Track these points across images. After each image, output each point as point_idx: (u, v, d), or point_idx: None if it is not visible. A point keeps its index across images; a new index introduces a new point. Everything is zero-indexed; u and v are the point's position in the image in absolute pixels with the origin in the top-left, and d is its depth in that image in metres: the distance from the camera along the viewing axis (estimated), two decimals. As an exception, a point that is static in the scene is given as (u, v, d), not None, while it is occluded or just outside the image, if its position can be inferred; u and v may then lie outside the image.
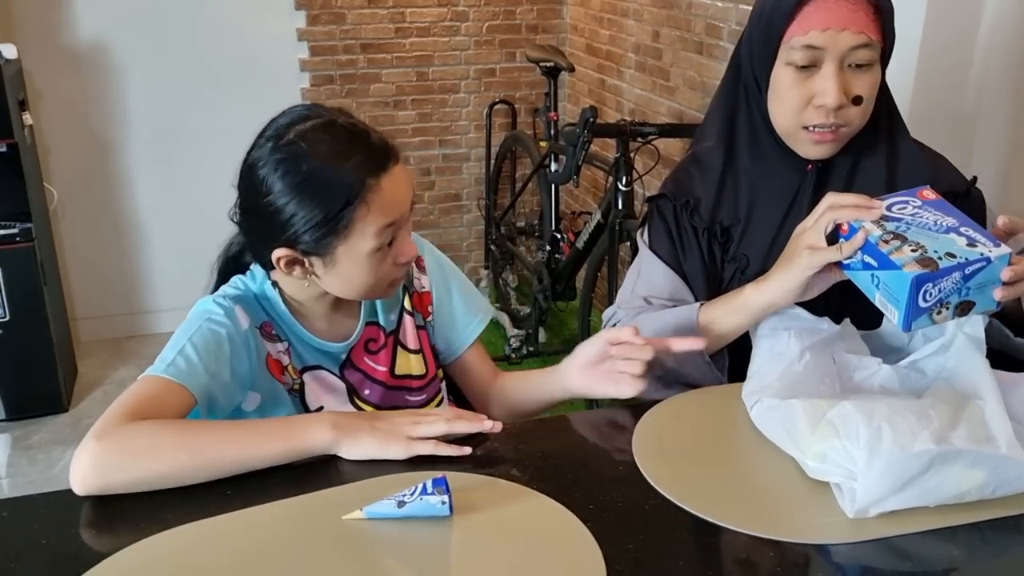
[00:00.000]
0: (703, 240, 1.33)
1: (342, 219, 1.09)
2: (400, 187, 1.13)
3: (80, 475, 0.95)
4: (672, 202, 1.35)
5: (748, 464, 1.05)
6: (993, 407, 0.98)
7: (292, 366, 1.21)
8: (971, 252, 1.01)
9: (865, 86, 1.21)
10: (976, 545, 0.91)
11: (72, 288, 3.47)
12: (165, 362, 1.08)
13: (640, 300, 1.36)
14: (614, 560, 0.87)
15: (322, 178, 1.09)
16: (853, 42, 1.18)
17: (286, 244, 1.12)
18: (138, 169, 3.44)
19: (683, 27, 2.89)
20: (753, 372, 1.13)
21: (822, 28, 1.18)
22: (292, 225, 1.10)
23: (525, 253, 3.61)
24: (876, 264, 1.05)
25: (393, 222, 1.13)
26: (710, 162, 1.34)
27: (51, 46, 3.21)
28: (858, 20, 1.18)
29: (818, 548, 0.90)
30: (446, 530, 0.91)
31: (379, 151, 1.12)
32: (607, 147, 3.13)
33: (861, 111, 1.23)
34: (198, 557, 0.87)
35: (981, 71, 1.94)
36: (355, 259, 1.13)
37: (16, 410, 2.98)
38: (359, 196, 1.09)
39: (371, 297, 1.24)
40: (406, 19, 3.62)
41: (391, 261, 1.16)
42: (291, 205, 1.09)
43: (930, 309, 1.02)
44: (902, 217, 1.08)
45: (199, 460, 0.97)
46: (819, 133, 1.23)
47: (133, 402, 1.02)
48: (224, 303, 1.16)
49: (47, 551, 0.89)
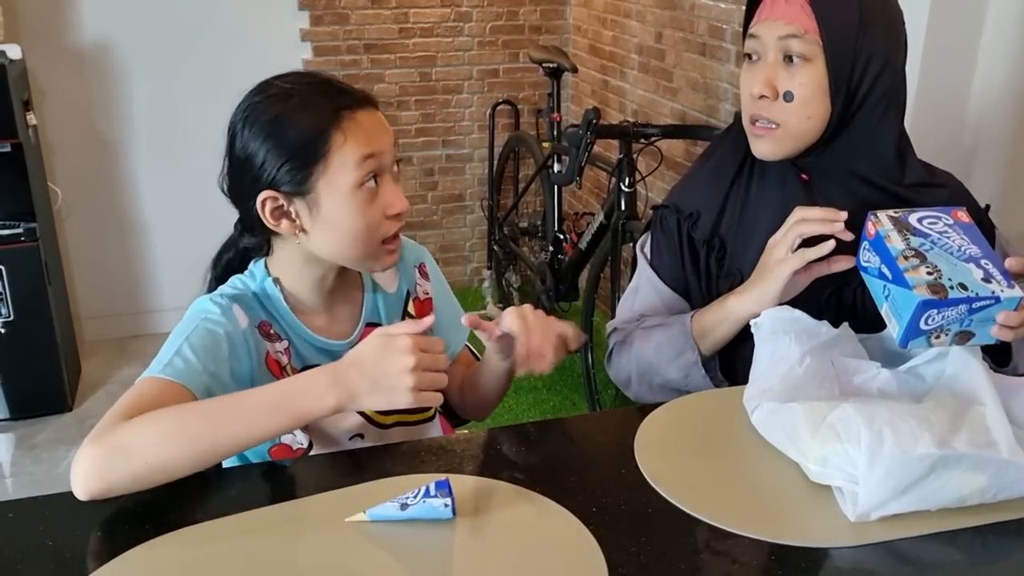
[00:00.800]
0: (701, 253, 1.35)
1: (318, 147, 1.08)
2: (380, 126, 1.13)
3: (81, 481, 0.93)
4: (676, 215, 1.36)
5: (750, 467, 1.05)
6: (994, 412, 0.99)
7: (291, 366, 1.19)
8: (983, 287, 1.02)
9: (796, 83, 1.20)
10: (977, 549, 0.92)
11: (76, 287, 3.48)
12: (162, 363, 1.06)
13: (638, 318, 1.39)
14: (616, 563, 0.87)
15: (295, 112, 1.09)
16: (782, 31, 1.19)
17: (267, 187, 1.11)
18: (142, 169, 3.45)
19: (686, 28, 2.89)
20: (754, 376, 1.13)
21: (762, 19, 1.22)
22: (268, 165, 1.10)
23: (528, 254, 3.61)
24: (890, 276, 1.06)
25: (373, 154, 1.11)
26: (718, 174, 1.35)
27: (55, 46, 3.22)
28: (790, 11, 1.19)
29: (819, 552, 0.90)
30: (449, 533, 0.92)
31: (354, 92, 1.13)
32: (610, 148, 3.14)
33: (795, 111, 1.21)
34: (203, 559, 0.88)
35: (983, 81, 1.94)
36: (338, 197, 1.10)
37: (20, 409, 2.98)
38: (334, 124, 1.09)
39: (367, 261, 1.17)
40: (409, 20, 3.62)
41: (381, 210, 1.13)
42: (265, 143, 1.09)
43: (930, 333, 1.04)
44: (929, 233, 1.08)
45: (197, 445, 0.95)
46: (757, 127, 1.25)
47: (130, 404, 1.00)
48: (221, 302, 1.14)
49: (53, 552, 0.90)
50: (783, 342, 1.12)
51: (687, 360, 1.29)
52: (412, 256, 1.34)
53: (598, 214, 2.78)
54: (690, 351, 1.29)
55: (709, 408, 1.19)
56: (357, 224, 1.12)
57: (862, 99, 1.21)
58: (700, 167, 1.40)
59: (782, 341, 1.12)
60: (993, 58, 1.91)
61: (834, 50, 1.18)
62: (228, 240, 1.26)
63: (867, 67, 1.19)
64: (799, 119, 1.22)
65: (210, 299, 1.15)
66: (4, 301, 2.85)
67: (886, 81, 1.21)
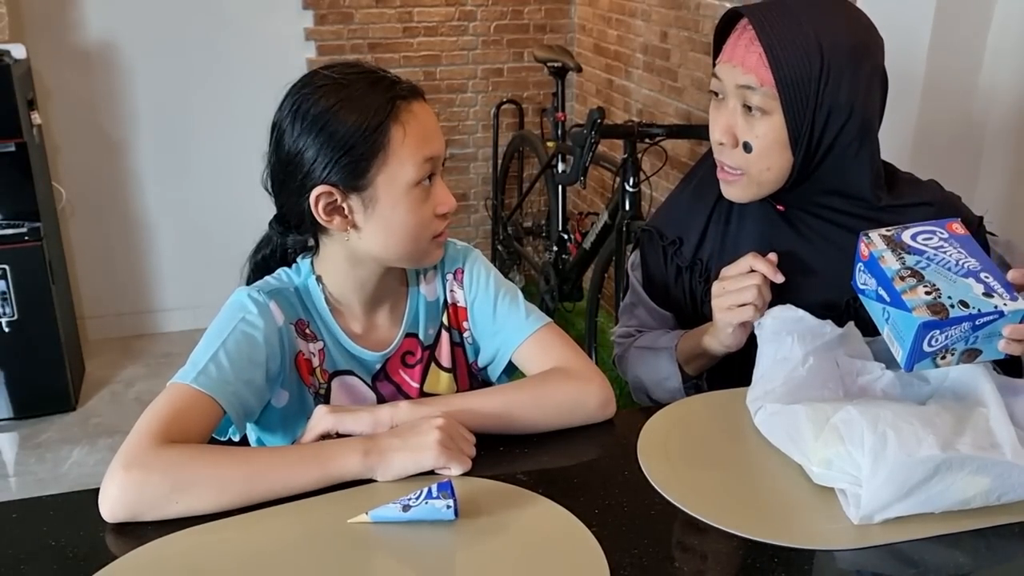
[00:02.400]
0: (685, 276, 1.35)
1: (377, 140, 1.06)
2: (434, 122, 1.11)
3: (108, 506, 0.93)
4: (659, 240, 1.37)
5: (753, 469, 1.05)
6: (997, 414, 0.98)
7: (322, 368, 1.18)
8: (985, 303, 0.99)
9: (754, 134, 1.16)
10: (981, 551, 0.92)
11: (80, 287, 3.49)
12: (197, 368, 1.04)
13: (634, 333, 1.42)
14: (619, 565, 0.87)
15: (348, 103, 1.06)
16: (740, 80, 1.15)
17: (321, 182, 1.07)
18: (146, 168, 3.45)
19: (691, 28, 2.89)
20: (757, 377, 1.13)
21: (723, 61, 1.18)
22: (321, 159, 1.06)
23: (532, 253, 3.61)
24: (888, 299, 1.03)
25: (434, 156, 1.09)
26: (700, 196, 1.35)
27: (60, 46, 3.22)
28: (749, 60, 1.14)
29: (823, 554, 0.90)
30: (451, 534, 0.92)
31: (405, 82, 1.11)
32: (614, 148, 3.13)
33: (755, 161, 1.18)
34: (206, 559, 0.88)
35: (989, 78, 1.93)
36: (395, 193, 1.08)
37: (24, 408, 2.99)
38: (390, 115, 1.06)
39: (416, 257, 1.15)
40: (414, 19, 3.62)
41: (432, 209, 1.11)
42: (319, 137, 1.06)
43: (935, 354, 1.01)
44: (924, 250, 1.05)
45: (229, 496, 0.94)
46: (721, 173, 1.23)
47: (161, 420, 0.99)
48: (259, 298, 1.12)
49: (57, 552, 0.90)
50: (786, 342, 1.12)
51: (672, 386, 1.31)
52: (449, 263, 1.27)
53: (602, 214, 2.77)
54: (674, 378, 1.30)
55: (712, 410, 1.19)
56: (410, 222, 1.10)
57: (827, 148, 1.17)
58: (681, 191, 1.40)
59: (785, 341, 1.12)
60: (1000, 55, 1.90)
61: (791, 106, 1.13)
62: (264, 238, 1.24)
63: (828, 119, 1.14)
64: (759, 169, 1.19)
65: (248, 294, 1.13)
66: (8, 300, 2.86)
67: (853, 128, 1.16)
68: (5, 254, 2.82)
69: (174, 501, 0.93)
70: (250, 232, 1.28)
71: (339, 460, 0.98)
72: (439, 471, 1.01)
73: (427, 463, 1.00)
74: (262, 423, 1.18)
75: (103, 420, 3.01)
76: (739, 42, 1.15)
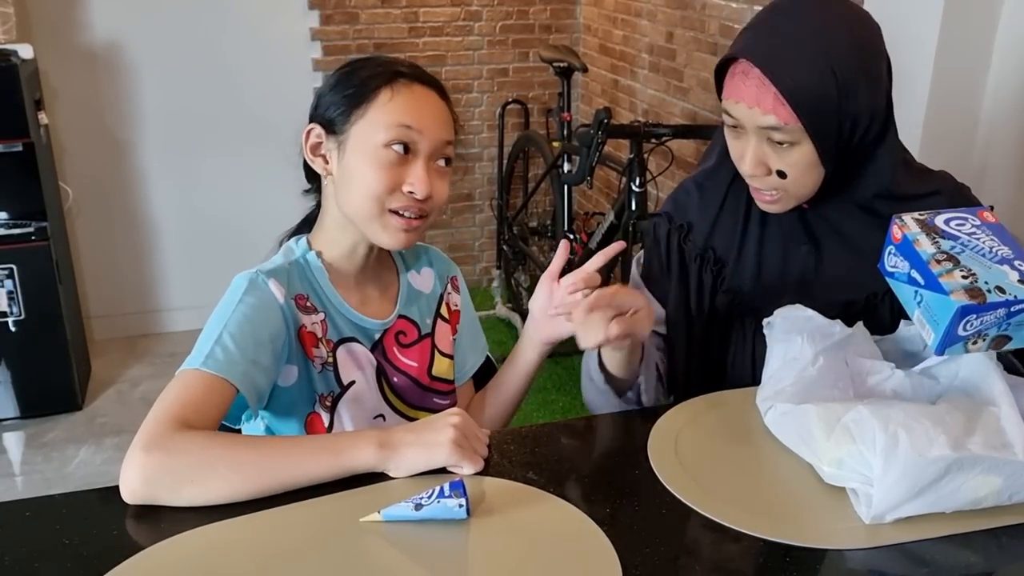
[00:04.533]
0: (694, 266, 1.33)
1: (365, 94, 1.14)
2: (433, 108, 1.17)
3: (128, 487, 0.95)
4: (667, 224, 1.36)
5: (763, 468, 1.05)
6: (1008, 413, 0.98)
7: (326, 339, 1.20)
8: (1021, 290, 0.99)
9: (786, 163, 1.16)
10: (992, 551, 0.92)
11: (86, 286, 3.50)
12: (203, 354, 1.06)
13: None
14: (630, 564, 0.87)
15: (365, 65, 1.18)
16: (763, 122, 1.14)
17: (318, 120, 1.18)
18: (153, 168, 3.46)
19: (697, 28, 2.89)
20: (767, 377, 1.13)
21: (735, 100, 1.17)
22: (324, 100, 1.18)
23: (537, 253, 3.61)
24: (923, 282, 1.02)
25: (410, 126, 1.13)
26: (712, 184, 1.33)
27: (67, 46, 3.23)
28: (765, 102, 1.12)
29: (834, 553, 0.90)
30: (463, 533, 0.92)
31: (420, 69, 1.19)
32: (620, 148, 3.13)
33: (791, 184, 1.18)
34: (219, 558, 0.88)
35: (997, 78, 1.93)
36: (365, 148, 1.14)
37: (31, 408, 3.00)
38: (387, 81, 1.14)
39: (373, 225, 1.16)
40: (419, 19, 3.63)
41: (398, 181, 1.14)
42: (334, 88, 1.18)
43: (967, 338, 1.01)
44: (959, 235, 1.05)
45: (246, 484, 0.96)
46: (757, 194, 1.23)
47: (177, 404, 1.01)
48: (257, 279, 1.15)
49: (70, 551, 0.90)
50: (796, 342, 1.12)
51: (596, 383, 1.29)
52: (444, 267, 1.38)
53: (608, 214, 2.78)
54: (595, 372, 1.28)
55: (722, 409, 1.19)
56: (369, 179, 1.13)
57: (855, 150, 1.18)
58: (689, 184, 1.38)
59: (795, 341, 1.12)
60: (1007, 55, 1.90)
61: (818, 132, 1.13)
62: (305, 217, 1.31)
63: (855, 127, 1.16)
64: (796, 187, 1.19)
65: (248, 276, 1.16)
66: (15, 300, 2.86)
67: (876, 127, 1.17)
68: (12, 254, 2.83)
69: (191, 482, 0.95)
70: (255, 231, 1.29)
71: (353, 451, 0.99)
72: (451, 469, 1.01)
73: (439, 460, 1.00)
74: (271, 408, 1.19)
75: (109, 419, 3.02)
76: (748, 82, 1.14)
